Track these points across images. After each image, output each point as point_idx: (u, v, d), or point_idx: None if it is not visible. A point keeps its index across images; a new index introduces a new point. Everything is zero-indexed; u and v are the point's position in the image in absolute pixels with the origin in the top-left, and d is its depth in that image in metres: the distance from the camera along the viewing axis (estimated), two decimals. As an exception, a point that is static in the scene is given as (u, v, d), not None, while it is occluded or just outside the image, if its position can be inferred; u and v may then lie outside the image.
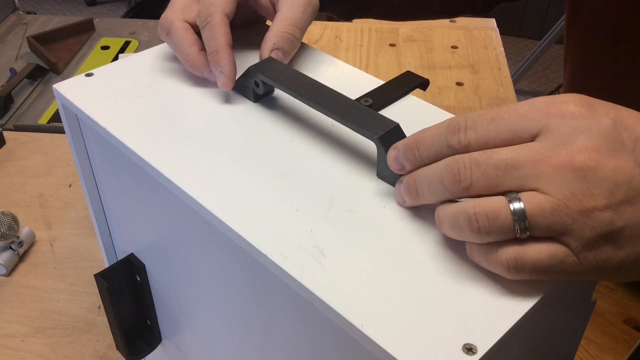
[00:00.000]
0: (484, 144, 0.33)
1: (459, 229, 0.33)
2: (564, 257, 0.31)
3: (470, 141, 0.33)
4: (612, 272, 0.32)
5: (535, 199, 0.31)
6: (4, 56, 1.25)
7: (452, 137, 0.34)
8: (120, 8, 3.24)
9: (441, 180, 0.33)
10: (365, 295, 0.32)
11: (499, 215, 0.31)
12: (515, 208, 0.31)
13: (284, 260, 0.34)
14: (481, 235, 0.32)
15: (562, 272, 0.32)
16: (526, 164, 0.31)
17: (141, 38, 1.32)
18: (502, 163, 0.32)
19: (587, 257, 0.31)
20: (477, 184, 0.32)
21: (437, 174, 0.34)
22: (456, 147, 0.33)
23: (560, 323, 0.41)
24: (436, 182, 0.34)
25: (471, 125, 0.33)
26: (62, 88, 0.49)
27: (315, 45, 1.18)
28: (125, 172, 0.47)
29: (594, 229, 0.31)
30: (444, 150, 0.34)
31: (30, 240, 0.81)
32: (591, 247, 0.31)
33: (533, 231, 0.31)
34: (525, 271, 0.31)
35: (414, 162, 0.36)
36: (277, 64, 0.46)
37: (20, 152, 0.96)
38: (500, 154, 0.32)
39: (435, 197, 0.34)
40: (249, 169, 0.41)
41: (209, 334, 0.48)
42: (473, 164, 0.32)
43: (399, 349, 0.30)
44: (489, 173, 0.32)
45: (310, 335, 0.36)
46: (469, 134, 0.33)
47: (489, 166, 0.32)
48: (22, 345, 0.69)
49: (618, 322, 0.66)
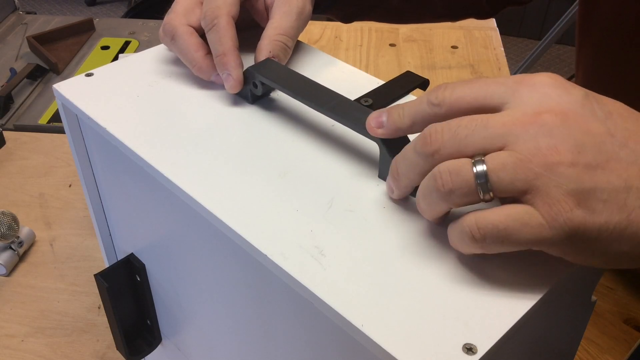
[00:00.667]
0: (457, 99, 0.34)
1: (429, 194, 0.33)
2: (528, 218, 0.30)
3: (445, 96, 0.34)
4: (592, 243, 0.30)
5: (499, 157, 0.31)
6: (4, 56, 1.25)
7: (431, 94, 0.35)
8: (120, 8, 3.24)
9: (414, 148, 0.34)
10: (365, 295, 0.32)
11: (461, 170, 0.31)
12: (478, 170, 0.31)
13: (284, 260, 0.34)
14: (445, 194, 0.32)
15: (529, 237, 0.30)
16: (495, 124, 0.31)
17: (141, 38, 1.32)
18: (472, 123, 0.32)
19: (556, 219, 0.30)
20: (447, 144, 0.32)
21: (412, 144, 0.34)
22: (433, 101, 0.34)
23: (560, 323, 0.41)
24: (410, 151, 0.34)
25: (450, 86, 0.35)
26: (62, 88, 0.49)
27: (315, 45, 1.18)
28: (125, 172, 0.47)
29: (559, 185, 0.29)
30: (424, 107, 0.35)
31: (30, 240, 0.81)
32: (560, 207, 0.29)
33: (496, 191, 0.31)
34: (488, 238, 0.31)
35: (394, 120, 0.36)
36: (275, 64, 0.46)
37: (20, 152, 0.96)
38: (472, 117, 0.32)
39: (411, 169, 0.35)
40: (249, 169, 0.41)
41: (209, 334, 0.48)
42: (445, 127, 0.33)
43: (399, 348, 0.30)
44: (459, 133, 0.32)
45: (310, 335, 0.36)
46: (445, 91, 0.34)
47: (460, 127, 0.32)
48: (22, 345, 0.69)
49: (618, 322, 0.66)
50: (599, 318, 0.66)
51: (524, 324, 0.32)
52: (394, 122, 0.36)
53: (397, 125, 0.36)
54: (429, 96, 0.35)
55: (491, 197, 0.31)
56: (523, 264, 0.34)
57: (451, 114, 0.34)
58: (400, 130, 0.36)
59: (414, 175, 0.35)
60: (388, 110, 0.37)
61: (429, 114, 0.35)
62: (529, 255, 0.35)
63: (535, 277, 0.33)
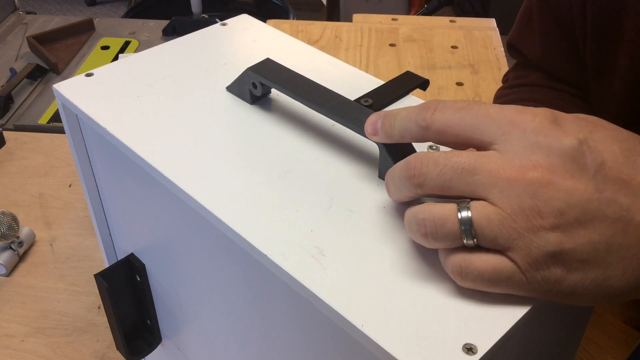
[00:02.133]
0: (445, 127, 0.33)
1: (412, 232, 0.33)
2: (510, 273, 0.31)
3: (434, 121, 0.33)
4: (566, 296, 0.31)
5: (485, 210, 0.31)
6: (4, 56, 1.25)
7: (420, 113, 0.34)
8: (120, 8, 3.24)
9: (400, 172, 0.34)
10: (365, 295, 0.32)
11: (447, 222, 0.31)
12: (463, 216, 0.31)
13: (284, 260, 0.34)
14: (429, 241, 0.32)
15: (511, 287, 0.31)
16: (482, 171, 0.31)
17: (141, 38, 1.32)
18: (459, 166, 0.32)
19: (535, 276, 0.31)
20: (431, 182, 0.32)
21: (399, 167, 0.34)
22: (421, 124, 0.34)
23: (560, 323, 0.41)
24: (397, 174, 0.34)
25: (441, 108, 0.34)
26: (62, 88, 0.49)
27: (315, 45, 1.18)
28: (125, 172, 0.47)
29: (539, 247, 0.30)
30: (412, 126, 0.34)
31: (30, 240, 0.81)
32: (538, 266, 0.30)
33: (480, 241, 0.31)
34: (471, 279, 0.32)
35: (386, 130, 0.36)
36: (275, 65, 0.46)
37: (20, 152, 0.96)
38: (460, 157, 0.32)
39: (397, 193, 0.35)
40: (249, 169, 0.41)
41: (209, 334, 0.48)
42: (431, 162, 0.32)
43: (399, 348, 0.30)
44: (446, 173, 0.32)
45: (310, 335, 0.36)
46: (435, 114, 0.34)
47: (446, 167, 0.32)
48: (22, 345, 0.69)
49: (618, 322, 0.66)
50: (599, 318, 0.66)
51: (524, 324, 0.32)
52: (385, 131, 0.36)
53: (387, 135, 0.36)
54: (418, 116, 0.34)
55: (474, 245, 0.31)
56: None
57: (437, 139, 0.34)
58: (392, 139, 0.36)
59: (402, 196, 0.35)
60: (382, 117, 0.37)
61: (417, 134, 0.35)
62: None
63: (535, 277, 0.33)
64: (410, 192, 0.34)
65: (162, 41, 1.17)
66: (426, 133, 0.34)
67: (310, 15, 2.44)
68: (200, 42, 0.56)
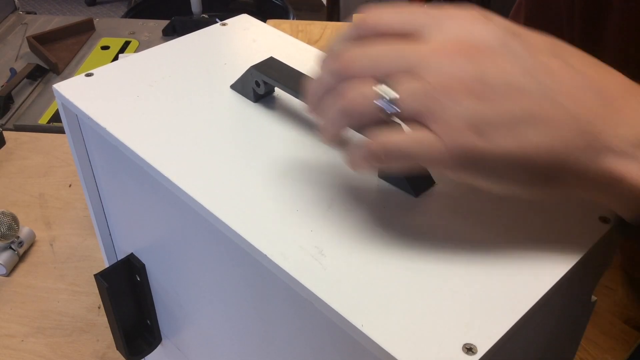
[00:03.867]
0: (380, 21, 0.35)
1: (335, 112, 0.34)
2: (430, 143, 0.32)
3: (369, 17, 0.35)
4: (485, 172, 0.32)
5: (409, 84, 0.32)
6: (4, 56, 1.25)
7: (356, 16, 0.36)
8: (120, 8, 3.24)
9: (325, 65, 0.35)
10: (365, 295, 0.32)
11: (369, 93, 0.32)
12: (384, 91, 0.32)
13: (284, 260, 0.34)
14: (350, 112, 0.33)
15: (431, 159, 0.32)
16: (410, 52, 0.32)
17: (141, 38, 1.32)
18: (387, 47, 0.33)
19: (454, 145, 0.31)
20: (358, 64, 0.33)
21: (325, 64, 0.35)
22: (357, 22, 0.35)
23: (560, 323, 0.41)
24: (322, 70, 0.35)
25: (376, 9, 0.35)
26: (62, 88, 0.49)
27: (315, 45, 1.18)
28: (125, 172, 0.47)
29: (458, 114, 0.31)
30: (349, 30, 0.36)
31: (30, 240, 0.81)
32: (457, 134, 0.31)
33: (401, 115, 0.32)
34: (393, 158, 0.33)
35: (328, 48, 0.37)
36: (278, 63, 0.46)
37: (20, 152, 0.96)
38: (388, 41, 0.33)
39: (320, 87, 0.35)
40: (249, 169, 0.41)
41: (209, 334, 0.48)
42: (359, 49, 0.34)
43: (399, 348, 0.30)
44: (372, 54, 0.33)
45: (310, 335, 0.36)
46: (370, 12, 0.35)
47: (374, 49, 0.33)
48: (22, 345, 0.69)
49: (618, 322, 0.66)
50: (599, 318, 0.66)
51: (524, 324, 0.32)
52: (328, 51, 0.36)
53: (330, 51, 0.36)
54: (355, 18, 0.35)
55: (397, 118, 0.33)
56: (523, 264, 0.34)
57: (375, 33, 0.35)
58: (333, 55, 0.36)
59: (322, 92, 0.35)
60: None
61: (352, 35, 0.35)
62: (529, 255, 0.35)
63: (535, 277, 0.33)
64: (334, 80, 0.34)
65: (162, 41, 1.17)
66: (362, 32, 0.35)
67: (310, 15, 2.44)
68: (200, 42, 0.56)
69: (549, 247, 0.35)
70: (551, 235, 0.36)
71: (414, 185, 0.39)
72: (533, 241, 0.36)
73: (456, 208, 0.38)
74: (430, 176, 0.40)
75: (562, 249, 0.35)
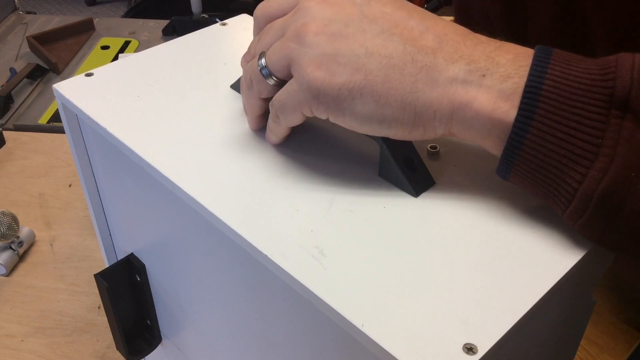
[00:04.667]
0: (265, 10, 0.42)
1: (243, 91, 0.42)
2: (290, 87, 0.37)
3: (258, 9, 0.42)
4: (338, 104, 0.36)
5: (274, 46, 0.38)
6: (4, 56, 1.25)
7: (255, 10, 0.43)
8: (120, 8, 3.24)
9: (242, 62, 0.44)
10: (365, 295, 0.32)
11: (253, 63, 0.40)
12: (260, 59, 0.39)
13: (284, 260, 0.34)
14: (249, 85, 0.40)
15: (292, 103, 0.37)
16: (278, 21, 0.39)
17: (141, 38, 1.32)
18: (268, 27, 0.40)
19: (302, 82, 0.36)
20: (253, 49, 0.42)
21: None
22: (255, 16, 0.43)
23: (560, 323, 0.41)
24: (243, 67, 0.43)
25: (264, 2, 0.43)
26: (62, 88, 0.49)
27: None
28: (125, 172, 0.47)
29: (305, 53, 0.36)
30: (254, 26, 0.44)
31: (30, 240, 0.81)
32: (304, 71, 0.36)
33: (274, 73, 0.38)
34: (280, 111, 0.39)
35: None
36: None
37: (20, 152, 0.96)
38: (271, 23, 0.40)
39: (243, 82, 0.42)
40: (249, 169, 0.41)
41: (209, 334, 0.48)
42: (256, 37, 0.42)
43: (399, 348, 0.30)
44: (261, 37, 0.41)
45: (310, 335, 0.36)
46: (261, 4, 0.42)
47: (262, 32, 0.41)
48: (22, 345, 0.69)
49: (618, 322, 0.66)
50: (599, 318, 0.66)
51: (524, 324, 0.32)
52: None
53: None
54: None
55: (275, 81, 0.39)
56: (523, 264, 0.34)
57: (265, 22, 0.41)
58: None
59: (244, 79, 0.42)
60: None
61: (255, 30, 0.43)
62: (529, 255, 0.35)
63: (535, 277, 0.33)
64: (244, 71, 0.42)
65: (162, 41, 1.17)
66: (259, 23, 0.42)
67: (310, 15, 2.43)
68: (200, 42, 0.56)
69: (549, 247, 0.35)
70: (551, 235, 0.36)
71: (414, 185, 0.39)
72: (533, 241, 0.36)
73: (456, 208, 0.38)
74: (430, 176, 0.40)
75: (562, 249, 0.35)
